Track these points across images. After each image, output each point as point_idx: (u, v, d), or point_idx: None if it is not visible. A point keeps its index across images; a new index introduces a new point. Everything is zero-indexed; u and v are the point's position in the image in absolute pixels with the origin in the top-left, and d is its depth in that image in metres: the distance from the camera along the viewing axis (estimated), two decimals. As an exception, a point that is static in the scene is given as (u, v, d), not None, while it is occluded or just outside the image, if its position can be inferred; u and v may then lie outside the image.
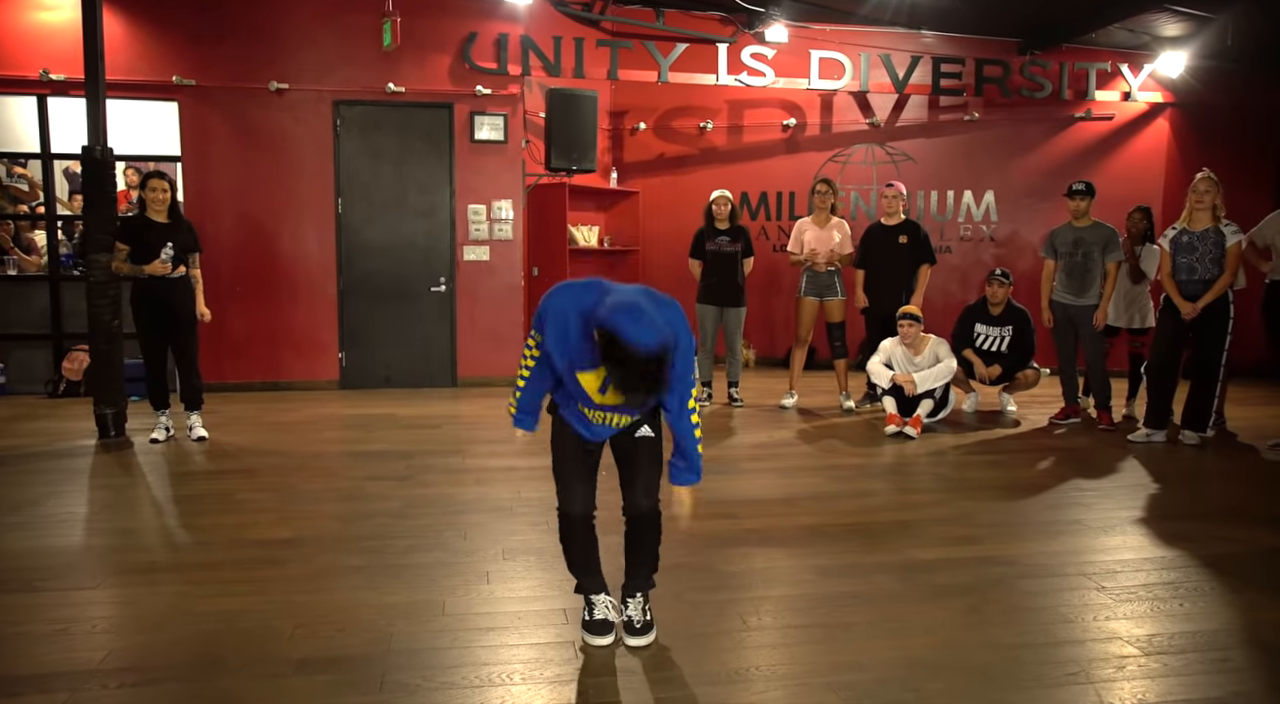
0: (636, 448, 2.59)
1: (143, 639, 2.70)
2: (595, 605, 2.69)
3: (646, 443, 2.60)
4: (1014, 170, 8.84)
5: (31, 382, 7.19)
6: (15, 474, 4.63)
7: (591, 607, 2.70)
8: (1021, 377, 6.47)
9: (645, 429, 2.59)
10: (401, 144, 7.54)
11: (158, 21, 7.05)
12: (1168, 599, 3.06)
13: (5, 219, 7.63)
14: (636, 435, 2.58)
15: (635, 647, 2.62)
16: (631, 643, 2.63)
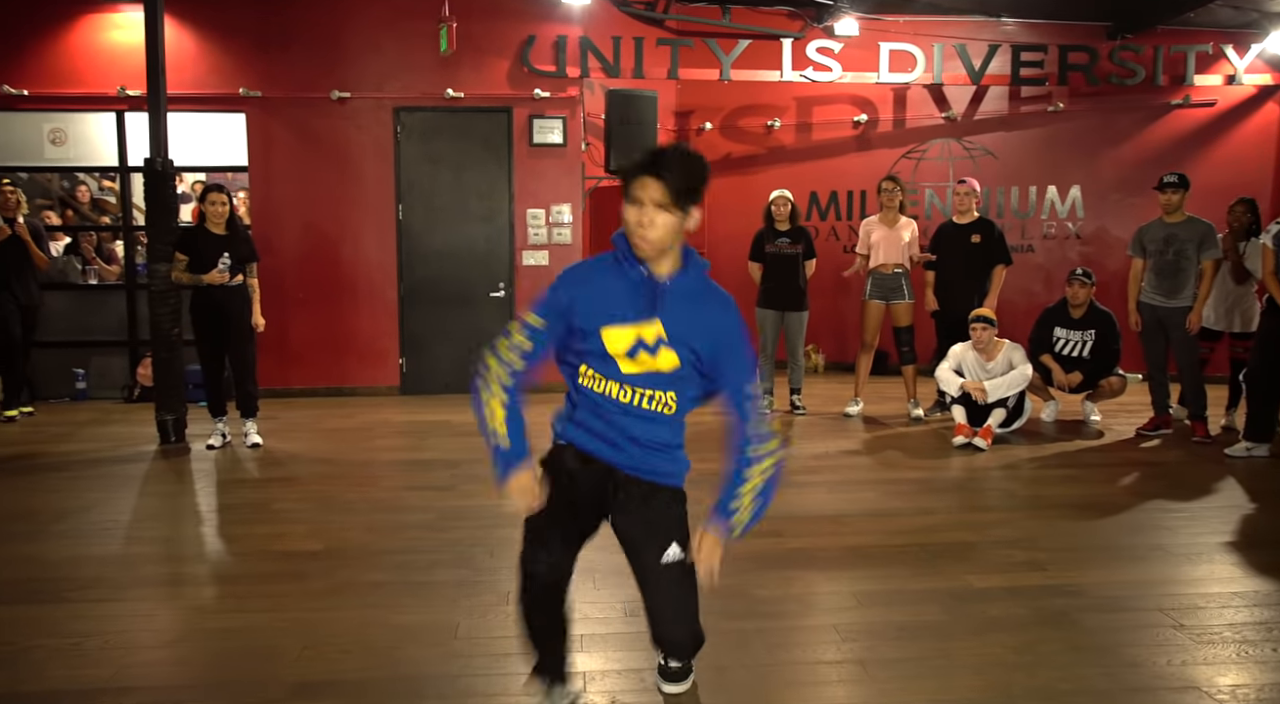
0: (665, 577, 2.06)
1: (152, 656, 2.66)
2: (551, 698, 2.20)
3: (678, 571, 2.06)
4: (1102, 163, 8.29)
5: (109, 387, 7.44)
6: (74, 479, 4.74)
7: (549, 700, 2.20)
8: (1105, 384, 6.02)
9: (674, 549, 2.04)
10: (461, 149, 7.53)
11: (225, 36, 7.21)
12: (1258, 642, 2.72)
13: (88, 230, 7.93)
14: (663, 561, 2.04)
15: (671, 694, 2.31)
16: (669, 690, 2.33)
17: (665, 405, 2.04)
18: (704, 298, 2.03)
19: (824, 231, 8.78)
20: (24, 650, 2.68)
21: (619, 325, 1.97)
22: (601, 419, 2.04)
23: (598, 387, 2.02)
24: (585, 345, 2.00)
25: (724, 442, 2.06)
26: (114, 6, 7.14)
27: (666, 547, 2.04)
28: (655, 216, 1.92)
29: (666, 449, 2.09)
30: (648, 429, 2.04)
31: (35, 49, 7.13)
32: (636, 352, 1.97)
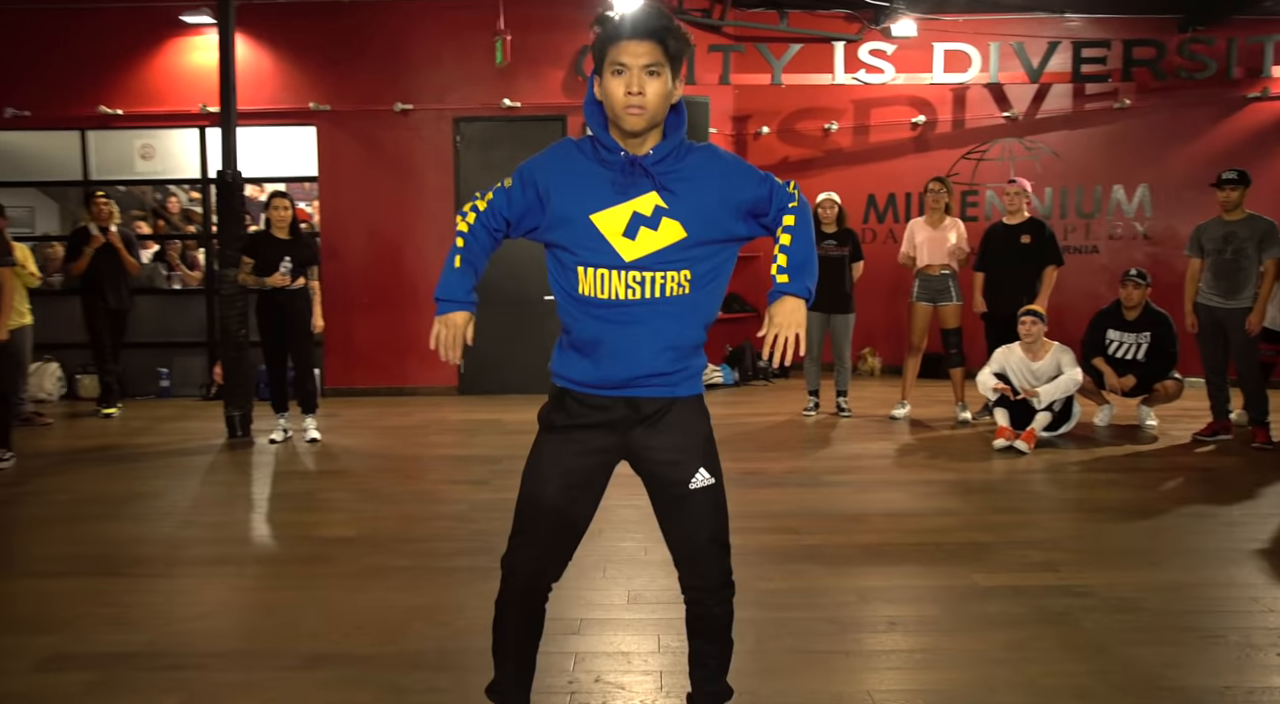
0: (692, 500, 1.87)
1: (186, 626, 2.90)
2: None
3: (707, 494, 1.89)
4: (1172, 160, 8.01)
5: (190, 385, 7.93)
6: (146, 468, 5.12)
7: None
8: (1160, 388, 5.84)
9: (702, 474, 1.87)
10: (518, 157, 7.63)
11: (297, 54, 7.62)
12: (1264, 647, 2.66)
13: (172, 239, 8.47)
14: (691, 486, 1.86)
15: None
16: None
17: (679, 285, 1.80)
18: (693, 158, 1.83)
19: (881, 234, 8.73)
20: (74, 617, 2.95)
21: (609, 208, 1.78)
22: (609, 340, 1.82)
23: (602, 291, 1.79)
24: (577, 239, 1.80)
25: None
26: (196, 30, 7.63)
27: (694, 472, 1.87)
28: (647, 84, 1.72)
29: (683, 349, 1.86)
30: (666, 326, 1.82)
31: (126, 72, 7.68)
32: (636, 228, 1.77)
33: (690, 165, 1.82)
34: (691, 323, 1.85)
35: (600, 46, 1.76)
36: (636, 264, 1.78)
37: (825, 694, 2.39)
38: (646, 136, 1.79)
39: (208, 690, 2.43)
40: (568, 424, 1.88)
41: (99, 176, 7.90)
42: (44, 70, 7.63)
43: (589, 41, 7.25)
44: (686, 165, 1.82)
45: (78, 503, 4.39)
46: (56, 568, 3.46)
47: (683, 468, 1.87)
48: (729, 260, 1.88)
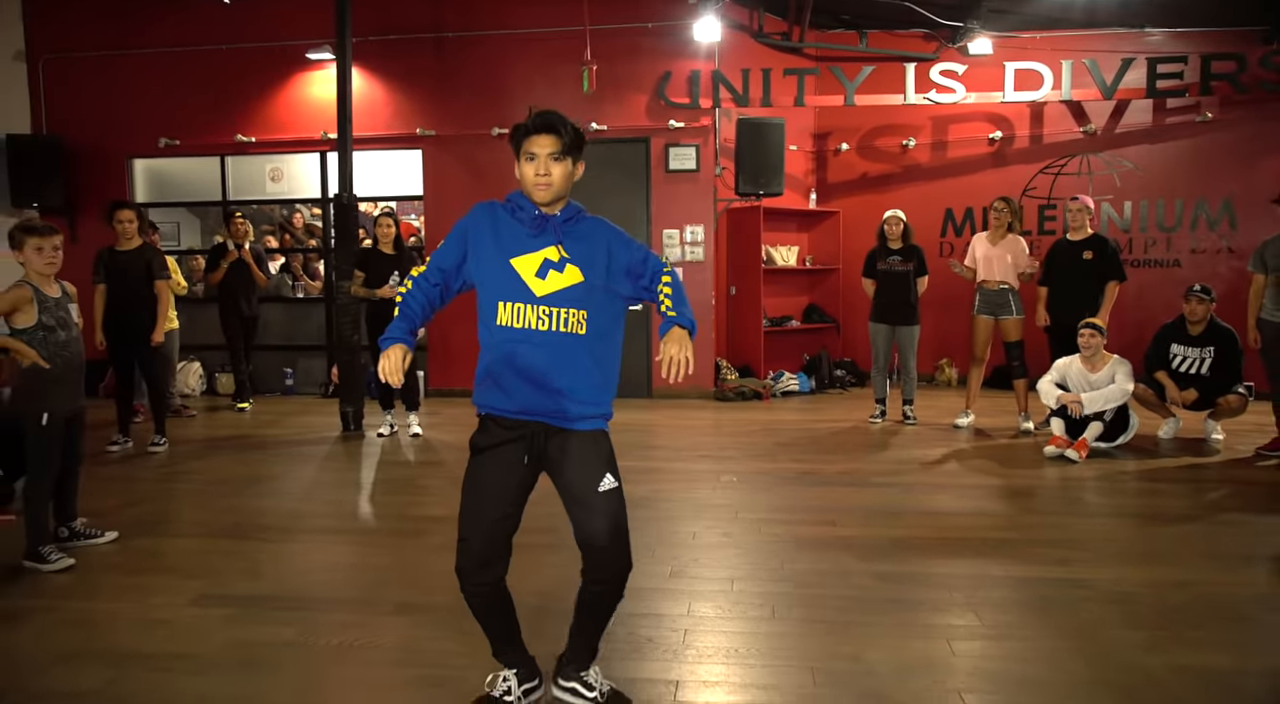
0: (598, 506, 2.24)
1: (302, 578, 3.52)
2: (497, 679, 2.43)
3: (611, 495, 2.25)
4: (1258, 174, 7.93)
5: (311, 384, 8.80)
6: (272, 456, 5.87)
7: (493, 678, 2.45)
8: (1224, 402, 5.90)
9: (608, 479, 2.25)
10: (603, 177, 8.32)
11: (406, 85, 8.40)
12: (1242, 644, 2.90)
13: (296, 252, 9.39)
14: (600, 489, 2.24)
15: None
16: None
17: (579, 323, 2.23)
18: (587, 223, 2.31)
19: (959, 247, 8.89)
20: (214, 569, 3.61)
21: (525, 254, 2.23)
22: (523, 365, 2.21)
23: (517, 321, 2.20)
24: (498, 279, 2.23)
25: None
26: (318, 65, 8.50)
27: (601, 477, 2.25)
28: (552, 167, 2.21)
29: (589, 380, 2.25)
30: (569, 358, 2.22)
31: (259, 104, 8.62)
32: (546, 271, 2.22)
33: (586, 227, 2.31)
34: (587, 360, 2.25)
35: (517, 138, 2.25)
36: (546, 300, 2.22)
37: (818, 652, 2.79)
38: (554, 206, 2.28)
39: (317, 625, 3.02)
40: (488, 446, 2.27)
41: (235, 196, 8.87)
42: (190, 104, 8.65)
43: (670, 68, 7.75)
44: (583, 227, 2.31)
45: (217, 482, 5.14)
46: (200, 531, 4.17)
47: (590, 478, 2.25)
48: (616, 320, 2.33)
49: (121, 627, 3.04)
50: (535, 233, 2.25)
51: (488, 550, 2.28)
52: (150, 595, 3.32)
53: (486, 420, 2.30)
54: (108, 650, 2.84)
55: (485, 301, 2.27)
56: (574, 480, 2.26)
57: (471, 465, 2.31)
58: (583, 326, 2.24)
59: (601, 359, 2.30)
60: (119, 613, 3.16)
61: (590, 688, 2.42)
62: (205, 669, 2.71)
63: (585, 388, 2.26)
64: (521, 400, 2.24)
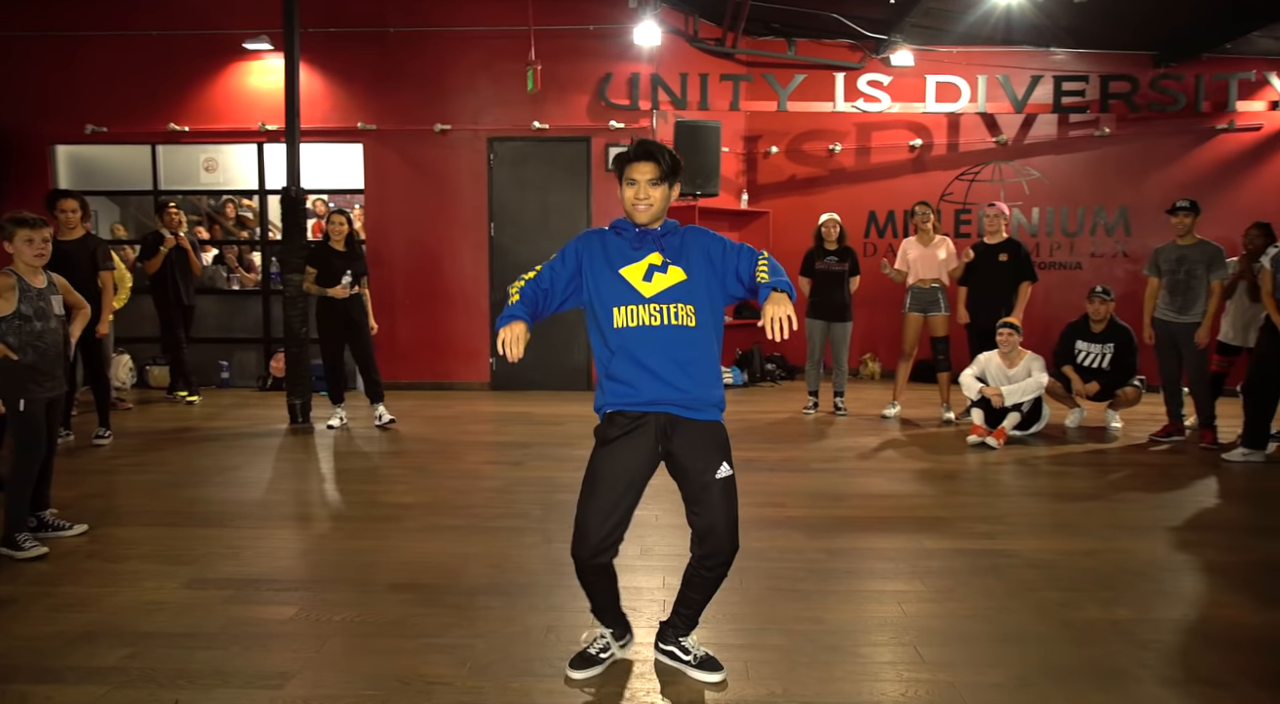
0: (715, 490, 2.46)
1: (290, 562, 3.66)
2: (594, 638, 2.70)
3: (728, 483, 2.48)
4: (1148, 185, 8.67)
5: (247, 377, 8.73)
6: (224, 447, 5.89)
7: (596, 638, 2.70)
8: (1122, 394, 6.51)
9: (724, 467, 2.47)
10: (545, 174, 8.52)
11: (347, 78, 8.42)
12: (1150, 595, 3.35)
13: (231, 244, 9.28)
14: (718, 476, 2.46)
15: (716, 683, 2.60)
16: (714, 679, 2.61)
17: (688, 317, 2.45)
18: (688, 234, 2.57)
19: (881, 248, 9.41)
20: (203, 554, 3.71)
21: (631, 264, 2.49)
22: (642, 358, 2.42)
23: (631, 321, 2.44)
24: (611, 288, 2.47)
25: None
26: (256, 55, 8.43)
27: (718, 466, 2.46)
28: (651, 191, 2.49)
29: (702, 369, 2.46)
30: (682, 348, 2.44)
31: (193, 92, 8.50)
32: (651, 274, 2.47)
33: (683, 236, 2.57)
34: (699, 350, 2.47)
35: (620, 164, 2.53)
36: (655, 299, 2.46)
37: (789, 616, 3.10)
38: (653, 224, 2.54)
39: (318, 604, 3.18)
40: (618, 435, 2.47)
41: (167, 186, 8.72)
42: (120, 91, 8.46)
43: (611, 69, 8.00)
44: (680, 237, 2.57)
45: (177, 473, 5.17)
46: (172, 520, 4.22)
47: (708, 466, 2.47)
48: (719, 318, 2.54)
49: (124, 609, 3.13)
50: (638, 246, 2.51)
51: (609, 536, 2.47)
52: (141, 580, 3.41)
53: (614, 416, 2.49)
54: (118, 630, 2.95)
55: (601, 312, 2.50)
56: (692, 469, 2.46)
57: (599, 456, 2.49)
58: (691, 319, 2.46)
59: (710, 352, 2.52)
60: (115, 597, 3.25)
61: (687, 652, 2.67)
62: (218, 644, 2.85)
63: (701, 375, 2.47)
64: (645, 392, 2.44)
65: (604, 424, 2.52)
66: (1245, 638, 2.97)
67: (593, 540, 2.45)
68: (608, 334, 2.49)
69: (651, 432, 2.46)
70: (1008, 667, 2.72)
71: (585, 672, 2.62)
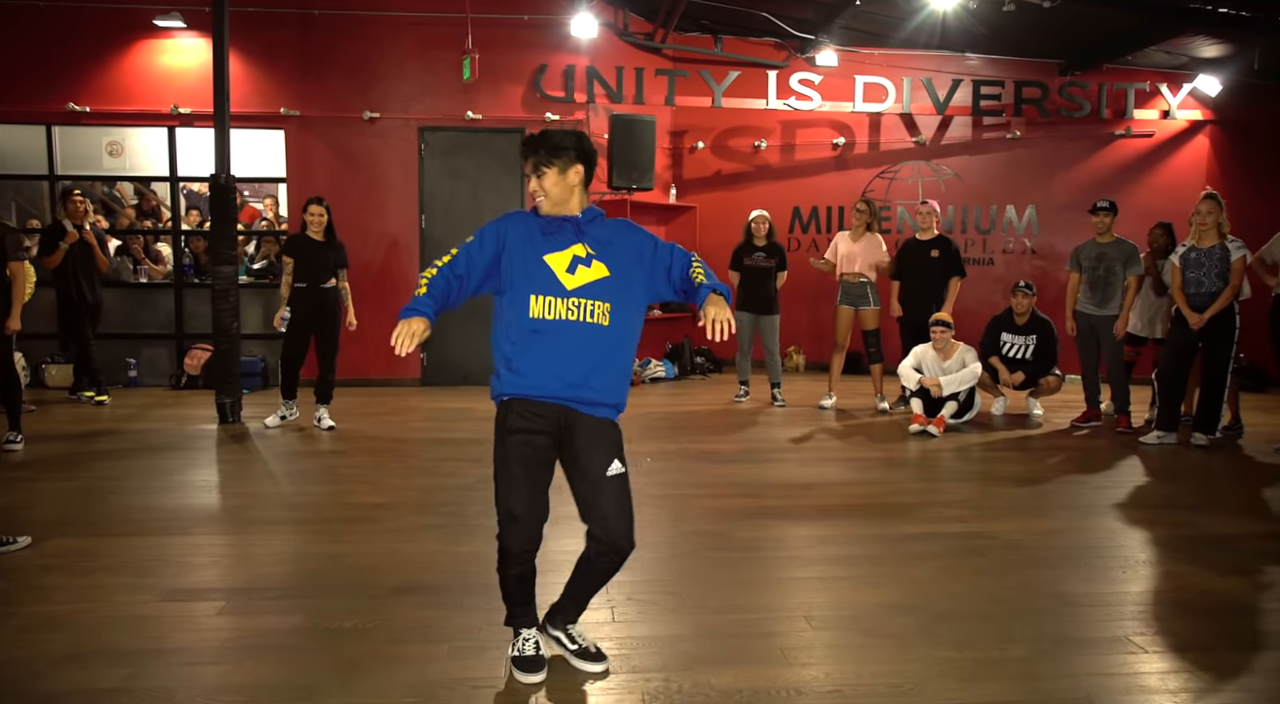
0: (606, 489, 2.45)
1: (273, 569, 3.48)
2: (526, 642, 2.61)
3: (621, 480, 2.48)
4: (1055, 186, 9.21)
5: (157, 376, 8.22)
6: (153, 450, 5.54)
7: (522, 642, 2.62)
8: (1045, 382, 6.90)
9: (616, 465, 2.47)
10: (478, 166, 8.36)
11: (269, 61, 8.02)
12: (1116, 567, 3.57)
13: (136, 233, 8.70)
14: (609, 473, 2.46)
15: (597, 673, 2.61)
16: (595, 669, 2.62)
17: (602, 315, 2.43)
18: (617, 228, 2.56)
19: (805, 244, 9.65)
20: (174, 562, 3.48)
21: (556, 252, 2.45)
22: (551, 354, 2.40)
23: (548, 313, 2.41)
24: (531, 274, 2.42)
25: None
26: (167, 33, 7.94)
27: (610, 463, 2.46)
28: (540, 183, 2.48)
29: (610, 369, 2.46)
30: (593, 348, 2.42)
31: (96, 70, 7.92)
32: (575, 267, 2.43)
33: (608, 228, 2.55)
34: (609, 350, 2.45)
35: None
36: (576, 293, 2.42)
37: (805, 603, 3.16)
38: (566, 208, 2.50)
39: (322, 611, 3.04)
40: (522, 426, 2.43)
41: (65, 171, 8.11)
42: (11, 65, 7.80)
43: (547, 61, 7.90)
44: (605, 228, 2.55)
45: (113, 478, 4.82)
46: (128, 529, 3.94)
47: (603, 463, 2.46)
48: (637, 317, 2.53)
49: (105, 626, 2.91)
50: (561, 234, 2.48)
51: (534, 527, 2.46)
52: (114, 594, 3.18)
53: (512, 405, 2.46)
54: (107, 649, 2.73)
55: (516, 296, 2.44)
56: (587, 464, 2.46)
57: (506, 448, 2.46)
58: (605, 318, 2.45)
59: (620, 352, 2.50)
60: (90, 613, 3.01)
61: (573, 640, 2.68)
62: (224, 658, 2.69)
63: (605, 376, 2.46)
64: (548, 386, 2.42)
65: (504, 413, 2.49)
66: (1214, 604, 3.21)
67: (528, 530, 2.45)
68: (519, 322, 2.44)
69: (551, 425, 2.46)
70: (1025, 642, 2.86)
71: (538, 674, 2.56)
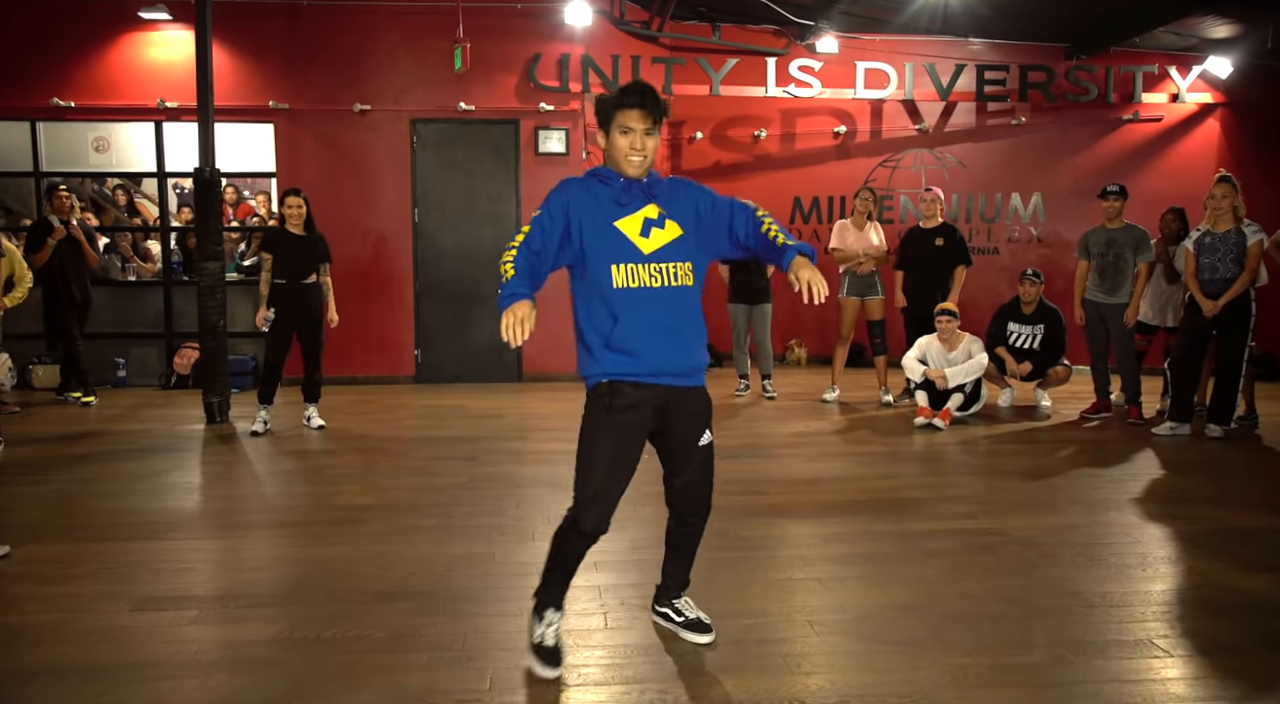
0: (697, 458, 2.51)
1: (255, 575, 3.33)
2: (549, 630, 2.50)
3: (709, 449, 2.54)
4: (1061, 172, 9.03)
5: (147, 375, 8.07)
6: (138, 451, 5.39)
7: (546, 627, 2.50)
8: (1053, 373, 6.73)
9: (707, 435, 2.51)
10: (472, 158, 8.19)
11: (257, 53, 7.86)
12: (1134, 566, 3.41)
13: (124, 231, 8.55)
14: (702, 443, 2.50)
15: (704, 644, 2.63)
16: (702, 640, 2.64)
17: (686, 275, 2.37)
18: (674, 184, 2.46)
19: (806, 234, 9.47)
20: (148, 567, 3.33)
21: (626, 216, 2.34)
22: (644, 323, 2.31)
23: (632, 281, 2.31)
24: (606, 243, 2.31)
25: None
26: (153, 26, 7.77)
27: (703, 433, 2.50)
28: (646, 142, 2.33)
29: (696, 332, 2.42)
30: (681, 312, 2.37)
31: (80, 64, 7.76)
32: (649, 229, 2.34)
33: (669, 186, 2.46)
34: (695, 311, 2.43)
35: (610, 108, 2.33)
36: (654, 257, 2.34)
37: (810, 606, 3.00)
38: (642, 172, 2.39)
39: (301, 619, 2.88)
40: (625, 406, 2.36)
41: (50, 167, 7.95)
42: (-6, 61, 7.65)
43: (541, 50, 7.72)
44: (667, 187, 2.45)
45: (92, 481, 4.67)
46: (103, 535, 3.78)
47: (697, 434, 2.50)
48: (702, 274, 2.44)
49: (75, 638, 2.75)
50: (627, 198, 2.36)
51: (611, 508, 2.41)
52: (89, 604, 3.02)
53: (615, 385, 2.37)
54: (77, 664, 2.57)
55: (598, 270, 2.33)
56: (684, 437, 2.47)
57: (601, 428, 2.38)
58: (690, 278, 2.39)
59: (700, 313, 2.47)
60: (60, 625, 2.85)
61: (680, 612, 2.70)
62: (201, 671, 2.53)
63: (696, 340, 2.43)
64: (648, 361, 2.35)
65: (606, 392, 2.38)
66: (1241, 603, 3.05)
67: (605, 509, 2.39)
68: (606, 295, 2.33)
69: (650, 408, 2.40)
70: (1042, 647, 2.70)
71: (555, 668, 2.46)
